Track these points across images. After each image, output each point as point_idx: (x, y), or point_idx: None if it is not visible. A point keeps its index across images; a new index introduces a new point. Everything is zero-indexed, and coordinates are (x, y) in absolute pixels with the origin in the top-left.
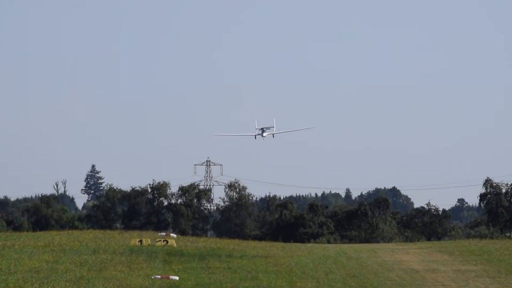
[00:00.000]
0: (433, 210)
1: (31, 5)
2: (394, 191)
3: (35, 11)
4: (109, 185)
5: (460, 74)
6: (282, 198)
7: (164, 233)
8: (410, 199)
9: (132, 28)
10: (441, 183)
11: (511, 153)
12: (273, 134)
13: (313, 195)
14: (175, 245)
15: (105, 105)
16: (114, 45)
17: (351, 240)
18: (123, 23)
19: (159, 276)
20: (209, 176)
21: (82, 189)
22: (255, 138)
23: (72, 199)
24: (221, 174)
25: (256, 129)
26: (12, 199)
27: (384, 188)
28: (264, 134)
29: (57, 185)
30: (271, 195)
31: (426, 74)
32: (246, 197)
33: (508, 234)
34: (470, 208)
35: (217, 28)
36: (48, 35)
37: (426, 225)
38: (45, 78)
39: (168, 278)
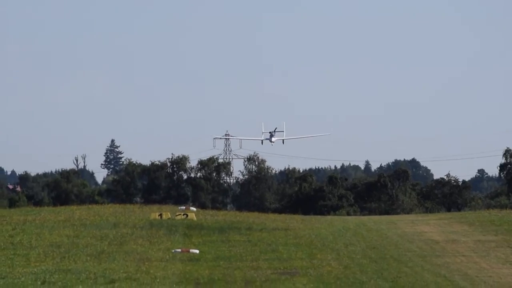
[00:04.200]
0: (453, 181)
1: None
2: (414, 162)
3: None
4: (129, 159)
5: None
6: (301, 171)
7: (184, 207)
8: (429, 170)
9: (151, 7)
10: (461, 154)
11: None
12: (283, 139)
13: (332, 167)
14: (195, 218)
15: (124, 80)
16: (133, 22)
17: (370, 212)
18: (140, 3)
19: (180, 250)
20: (228, 149)
21: (101, 164)
22: (262, 143)
23: (92, 173)
24: (240, 148)
25: (263, 133)
26: (32, 174)
27: (404, 159)
28: (273, 139)
29: (76, 160)
30: (290, 168)
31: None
32: (265, 170)
33: None
34: (490, 179)
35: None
36: (69, 17)
37: (446, 196)
38: (65, 55)
39: (188, 251)
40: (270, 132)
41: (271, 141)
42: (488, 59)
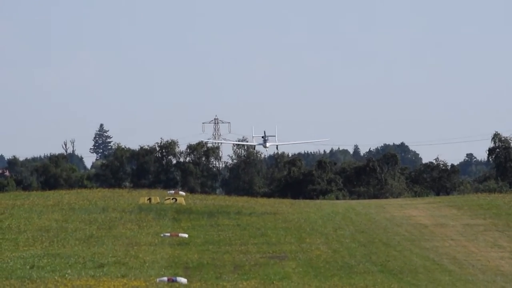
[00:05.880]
0: (441, 165)
1: None
2: (403, 146)
3: None
4: (117, 144)
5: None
6: (290, 155)
7: (173, 191)
8: (418, 154)
9: None
10: (450, 138)
11: None
12: (277, 145)
13: (321, 152)
14: (184, 203)
15: (112, 65)
16: (122, 5)
17: (359, 196)
18: None
19: (168, 234)
20: (217, 134)
21: (90, 148)
22: (254, 149)
23: (81, 158)
24: (229, 132)
25: (254, 137)
26: (21, 158)
27: (393, 144)
28: (267, 144)
29: (65, 145)
30: (279, 152)
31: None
32: (254, 154)
33: None
34: (479, 163)
35: None
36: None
37: (435, 180)
38: (53, 39)
39: (177, 235)
40: (262, 137)
41: (265, 146)
42: (477, 44)
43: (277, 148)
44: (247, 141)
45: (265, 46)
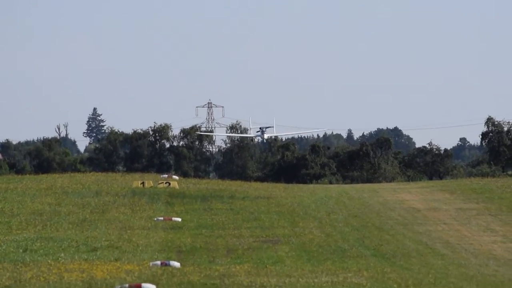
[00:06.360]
0: (434, 150)
1: None
2: (396, 131)
3: None
4: (111, 128)
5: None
6: (283, 139)
7: (166, 175)
8: (412, 139)
9: None
10: (443, 123)
11: None
12: (274, 136)
13: (315, 136)
14: (177, 187)
15: (106, 48)
16: None
17: (353, 180)
18: None
19: (162, 218)
20: (211, 118)
21: (84, 132)
22: (252, 141)
23: (74, 142)
24: (223, 116)
25: (251, 129)
26: (14, 142)
27: (386, 128)
28: (265, 135)
29: (58, 128)
30: (272, 137)
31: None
32: (248, 139)
33: (509, 172)
34: (472, 147)
35: None
36: None
37: (428, 164)
38: (47, 22)
39: (171, 219)
40: (260, 128)
41: (263, 138)
42: (470, 28)
43: (275, 139)
44: (240, 126)
45: (259, 29)
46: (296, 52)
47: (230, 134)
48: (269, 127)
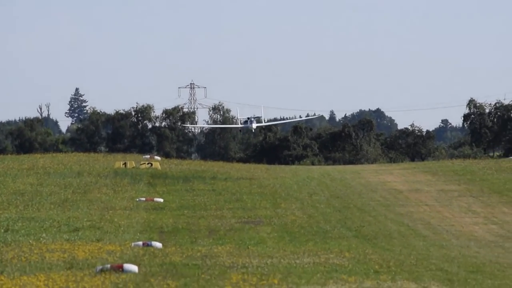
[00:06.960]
0: (417, 131)
1: None
2: (378, 112)
3: None
4: (93, 108)
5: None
6: (266, 120)
7: (148, 156)
8: (394, 120)
9: None
10: (425, 104)
11: (495, 73)
12: (263, 125)
13: (297, 117)
14: (159, 167)
15: (89, 28)
16: None
17: (335, 161)
18: None
19: (144, 199)
20: (193, 98)
21: (66, 113)
22: (240, 131)
23: (56, 122)
24: (205, 97)
25: (239, 119)
26: None
27: (368, 109)
28: (254, 125)
29: (40, 108)
30: (263, 126)
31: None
32: (230, 119)
33: (491, 154)
34: (454, 129)
35: None
36: None
37: (410, 146)
38: (29, 0)
39: (153, 200)
40: (248, 118)
41: (251, 129)
42: (452, 8)
43: (263, 128)
44: (223, 106)
45: (240, 9)
46: (278, 33)
47: (219, 125)
48: (258, 116)
